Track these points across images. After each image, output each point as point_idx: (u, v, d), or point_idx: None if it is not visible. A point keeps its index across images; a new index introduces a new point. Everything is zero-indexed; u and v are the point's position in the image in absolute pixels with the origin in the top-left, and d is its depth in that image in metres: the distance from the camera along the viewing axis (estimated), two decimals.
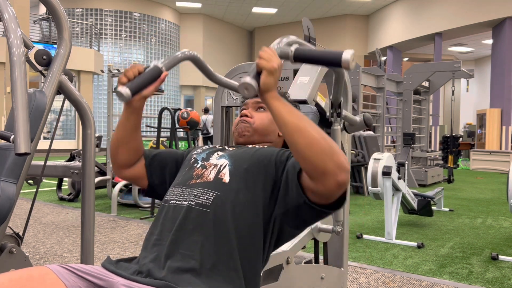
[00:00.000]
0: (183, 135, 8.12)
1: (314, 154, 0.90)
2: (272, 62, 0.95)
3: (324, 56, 1.02)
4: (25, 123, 1.03)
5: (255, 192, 1.05)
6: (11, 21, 1.11)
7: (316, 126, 0.94)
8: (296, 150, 0.93)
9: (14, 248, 1.53)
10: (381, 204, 4.86)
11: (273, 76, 0.95)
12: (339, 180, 0.91)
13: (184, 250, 0.97)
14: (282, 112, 0.94)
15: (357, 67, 6.26)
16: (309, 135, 0.91)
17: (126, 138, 1.19)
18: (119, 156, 1.22)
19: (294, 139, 0.92)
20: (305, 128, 0.92)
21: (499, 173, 9.48)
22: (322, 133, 0.93)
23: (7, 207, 1.25)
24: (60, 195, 5.45)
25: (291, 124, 0.93)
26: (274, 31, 20.91)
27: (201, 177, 1.09)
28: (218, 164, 1.11)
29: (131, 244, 3.37)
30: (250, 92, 0.93)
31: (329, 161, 0.90)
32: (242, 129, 1.26)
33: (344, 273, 1.72)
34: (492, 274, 2.74)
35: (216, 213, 1.01)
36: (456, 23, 13.55)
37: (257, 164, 1.08)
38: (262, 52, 0.97)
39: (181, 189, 1.10)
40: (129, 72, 1.09)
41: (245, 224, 1.02)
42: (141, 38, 17.62)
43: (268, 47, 1.01)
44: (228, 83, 1.51)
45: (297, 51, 1.05)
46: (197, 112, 6.53)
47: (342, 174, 0.91)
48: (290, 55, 1.05)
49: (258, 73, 0.96)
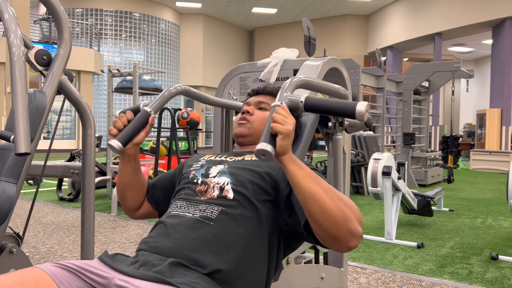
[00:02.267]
0: (183, 135, 8.11)
1: (326, 221, 0.91)
2: (287, 125, 0.92)
3: (337, 107, 1.01)
4: (25, 123, 1.03)
5: (258, 207, 1.06)
6: (11, 21, 1.11)
7: (331, 190, 0.93)
8: (309, 216, 0.93)
9: (14, 248, 1.53)
10: (381, 204, 4.86)
11: (289, 138, 0.93)
12: (350, 245, 0.92)
13: (183, 258, 0.97)
14: (298, 177, 0.93)
15: (357, 67, 6.26)
16: (323, 203, 0.91)
17: (129, 183, 1.23)
18: (128, 201, 1.26)
19: (308, 206, 0.92)
20: (319, 195, 0.91)
21: (499, 173, 9.48)
22: (337, 196, 0.93)
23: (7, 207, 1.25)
24: (60, 195, 5.45)
25: (305, 191, 0.92)
26: (274, 31, 20.92)
27: (205, 194, 1.10)
28: (220, 182, 1.11)
29: (131, 244, 3.37)
30: (268, 158, 0.90)
31: (342, 229, 0.90)
32: (242, 129, 1.27)
33: (344, 273, 1.72)
34: (492, 274, 2.74)
35: (220, 226, 1.02)
36: (456, 23, 13.56)
37: (258, 182, 1.09)
38: (276, 115, 0.93)
39: (185, 203, 1.10)
40: (118, 123, 1.12)
41: (249, 237, 1.02)
42: (141, 38, 17.63)
43: (280, 103, 0.97)
44: (227, 104, 1.53)
45: (308, 101, 1.02)
46: (197, 112, 6.53)
47: (353, 240, 0.92)
48: (300, 106, 1.02)
49: (272, 135, 0.92)
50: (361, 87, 6.38)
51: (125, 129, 1.12)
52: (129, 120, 1.14)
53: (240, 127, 1.27)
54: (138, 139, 1.14)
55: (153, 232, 1.07)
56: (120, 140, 1.09)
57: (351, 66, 6.21)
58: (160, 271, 0.92)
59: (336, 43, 18.70)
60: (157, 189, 1.28)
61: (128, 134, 1.11)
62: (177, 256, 0.97)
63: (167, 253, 0.98)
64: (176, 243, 1.00)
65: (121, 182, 1.23)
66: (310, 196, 0.91)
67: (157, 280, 0.89)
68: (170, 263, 0.94)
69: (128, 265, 0.97)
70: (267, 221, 1.06)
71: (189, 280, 0.90)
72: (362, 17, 18.84)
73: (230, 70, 1.94)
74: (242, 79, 1.88)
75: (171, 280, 0.89)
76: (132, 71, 4.65)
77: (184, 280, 0.89)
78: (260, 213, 1.05)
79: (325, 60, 1.61)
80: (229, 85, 1.91)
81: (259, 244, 1.03)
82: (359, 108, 0.96)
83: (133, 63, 4.72)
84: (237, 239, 1.01)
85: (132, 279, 0.91)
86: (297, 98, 1.02)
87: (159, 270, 0.92)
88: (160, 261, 0.95)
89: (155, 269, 0.93)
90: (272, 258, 1.07)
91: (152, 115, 1.15)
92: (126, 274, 0.93)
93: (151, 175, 4.64)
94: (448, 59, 18.54)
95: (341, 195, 0.94)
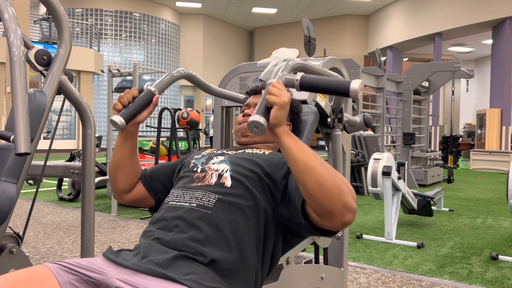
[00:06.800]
0: (183, 135, 8.11)
1: (322, 194, 0.90)
2: (283, 96, 0.93)
3: (331, 85, 1.01)
4: (25, 123, 1.03)
5: (256, 197, 1.06)
6: (11, 21, 1.11)
7: (326, 164, 0.93)
8: (304, 189, 0.92)
9: (14, 248, 1.53)
10: (381, 204, 4.86)
11: (284, 110, 0.93)
12: (345, 220, 0.92)
13: (184, 247, 0.97)
14: (293, 149, 0.92)
15: (357, 67, 6.26)
16: (318, 175, 0.90)
17: (123, 162, 1.21)
18: (118, 182, 1.23)
19: (303, 178, 0.91)
20: (314, 167, 0.91)
21: (499, 173, 9.48)
22: (332, 171, 0.93)
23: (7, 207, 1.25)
24: (60, 195, 5.45)
25: (301, 162, 0.91)
26: (274, 31, 20.91)
27: (203, 181, 1.10)
28: (219, 169, 1.11)
29: (131, 244, 3.37)
30: (261, 130, 0.90)
31: (337, 202, 0.90)
32: (245, 130, 1.27)
33: (344, 273, 1.72)
34: (492, 274, 2.74)
35: (217, 215, 1.01)
36: (456, 23, 13.55)
37: (257, 171, 1.09)
38: (271, 87, 0.94)
39: (181, 191, 1.10)
40: (123, 98, 1.12)
41: (245, 227, 1.02)
42: (141, 38, 17.61)
43: (276, 80, 0.98)
44: (226, 94, 1.53)
45: (303, 80, 1.02)
46: (197, 112, 6.52)
47: (348, 214, 0.91)
48: (296, 84, 1.03)
49: (267, 108, 0.93)
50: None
51: (129, 106, 1.11)
52: (134, 97, 1.13)
53: (243, 130, 1.28)
54: (140, 118, 1.14)
55: (153, 224, 1.07)
56: (123, 116, 1.09)
57: (351, 66, 6.21)
58: (163, 264, 0.92)
59: (336, 43, 18.69)
60: (155, 177, 1.26)
61: (131, 112, 1.11)
62: (178, 246, 0.97)
63: (167, 243, 0.98)
64: (175, 234, 1.00)
65: (115, 160, 1.21)
66: (305, 169, 0.91)
67: (161, 275, 0.89)
68: (172, 256, 0.94)
69: (131, 257, 0.97)
70: (264, 211, 1.06)
71: (194, 276, 0.90)
72: (362, 17, 18.83)
73: (230, 70, 1.94)
74: (242, 79, 1.88)
75: (174, 274, 0.89)
76: (132, 71, 4.65)
77: (188, 276, 0.89)
78: (258, 203, 1.05)
79: (325, 60, 1.61)
80: (229, 85, 1.92)
81: (255, 234, 1.03)
82: (353, 85, 0.96)
83: (133, 63, 4.72)
84: (234, 227, 1.01)
85: (133, 277, 0.90)
86: (293, 76, 1.03)
87: (161, 263, 0.92)
88: (161, 253, 0.95)
89: (157, 261, 0.93)
90: (267, 250, 1.07)
91: (156, 95, 1.15)
92: (129, 268, 0.93)
93: None
94: (448, 59, 18.54)
95: (335, 170, 0.94)
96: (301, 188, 0.93)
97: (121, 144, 1.19)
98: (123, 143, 1.19)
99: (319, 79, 1.03)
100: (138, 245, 1.04)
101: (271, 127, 0.93)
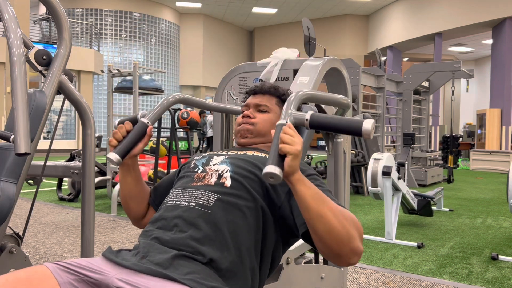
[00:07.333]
0: (183, 135, 8.11)
1: (331, 241, 0.92)
2: (296, 145, 0.91)
3: (343, 125, 1.00)
4: (25, 123, 1.03)
5: (255, 198, 1.06)
6: (11, 21, 1.11)
7: (338, 211, 0.94)
8: (314, 233, 0.94)
9: (14, 248, 1.53)
10: (381, 204, 4.86)
11: (298, 158, 0.92)
12: (350, 262, 0.95)
13: (183, 246, 0.97)
14: (307, 197, 0.93)
15: (357, 67, 6.26)
16: (328, 223, 0.92)
17: (131, 193, 1.25)
18: (132, 211, 1.27)
19: (314, 225, 0.93)
20: (326, 216, 0.92)
21: (499, 173, 9.48)
22: (343, 217, 0.94)
23: (7, 207, 1.25)
24: (60, 195, 5.45)
25: (313, 211, 0.92)
26: (274, 31, 20.93)
27: (203, 180, 1.10)
28: (220, 169, 1.12)
29: (131, 244, 3.37)
30: (276, 180, 0.89)
31: (345, 247, 0.93)
32: (245, 131, 1.27)
33: (344, 273, 1.72)
34: (492, 274, 2.74)
35: (217, 214, 1.02)
36: (456, 23, 13.56)
37: (258, 173, 1.09)
38: (284, 135, 0.92)
39: (181, 191, 1.10)
40: (117, 134, 1.16)
41: (244, 227, 1.02)
42: (141, 38, 17.63)
43: (286, 121, 0.96)
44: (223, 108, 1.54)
45: (313, 119, 1.01)
46: (197, 112, 6.52)
47: (354, 258, 0.94)
48: (305, 124, 1.02)
49: (280, 156, 0.91)
50: (361, 87, 6.38)
51: (123, 141, 1.15)
52: (128, 131, 1.17)
53: (243, 131, 1.28)
54: (135, 151, 1.18)
55: (152, 223, 1.07)
56: (118, 152, 1.13)
57: (351, 66, 6.21)
58: (163, 264, 0.92)
59: (336, 43, 18.70)
60: (159, 193, 1.28)
61: (126, 147, 1.15)
62: (177, 245, 0.97)
63: (167, 243, 0.98)
64: (174, 233, 1.00)
65: (123, 193, 1.25)
66: (317, 217, 0.92)
67: (161, 275, 0.89)
68: (172, 256, 0.94)
69: (131, 257, 0.97)
70: (263, 212, 1.06)
71: (194, 275, 0.90)
72: (362, 17, 18.84)
73: (230, 70, 1.94)
74: (242, 79, 1.88)
75: (175, 274, 0.89)
76: (132, 71, 4.65)
77: (188, 276, 0.89)
78: (257, 204, 1.05)
79: (325, 60, 1.61)
80: (229, 85, 1.91)
81: (254, 235, 1.03)
82: (366, 126, 0.96)
83: (133, 63, 4.72)
84: (233, 227, 1.01)
85: (133, 277, 0.90)
86: (302, 115, 1.02)
87: (161, 263, 0.92)
88: (161, 253, 0.95)
89: (157, 261, 0.93)
90: (267, 251, 1.07)
91: (149, 126, 1.19)
92: (129, 268, 0.93)
93: (151, 175, 4.64)
94: (448, 59, 18.55)
95: (346, 212, 0.96)
96: (311, 231, 0.95)
97: (124, 178, 1.23)
98: (125, 176, 1.22)
99: (330, 119, 1.02)
100: (137, 245, 1.04)
101: (285, 175, 0.92)
